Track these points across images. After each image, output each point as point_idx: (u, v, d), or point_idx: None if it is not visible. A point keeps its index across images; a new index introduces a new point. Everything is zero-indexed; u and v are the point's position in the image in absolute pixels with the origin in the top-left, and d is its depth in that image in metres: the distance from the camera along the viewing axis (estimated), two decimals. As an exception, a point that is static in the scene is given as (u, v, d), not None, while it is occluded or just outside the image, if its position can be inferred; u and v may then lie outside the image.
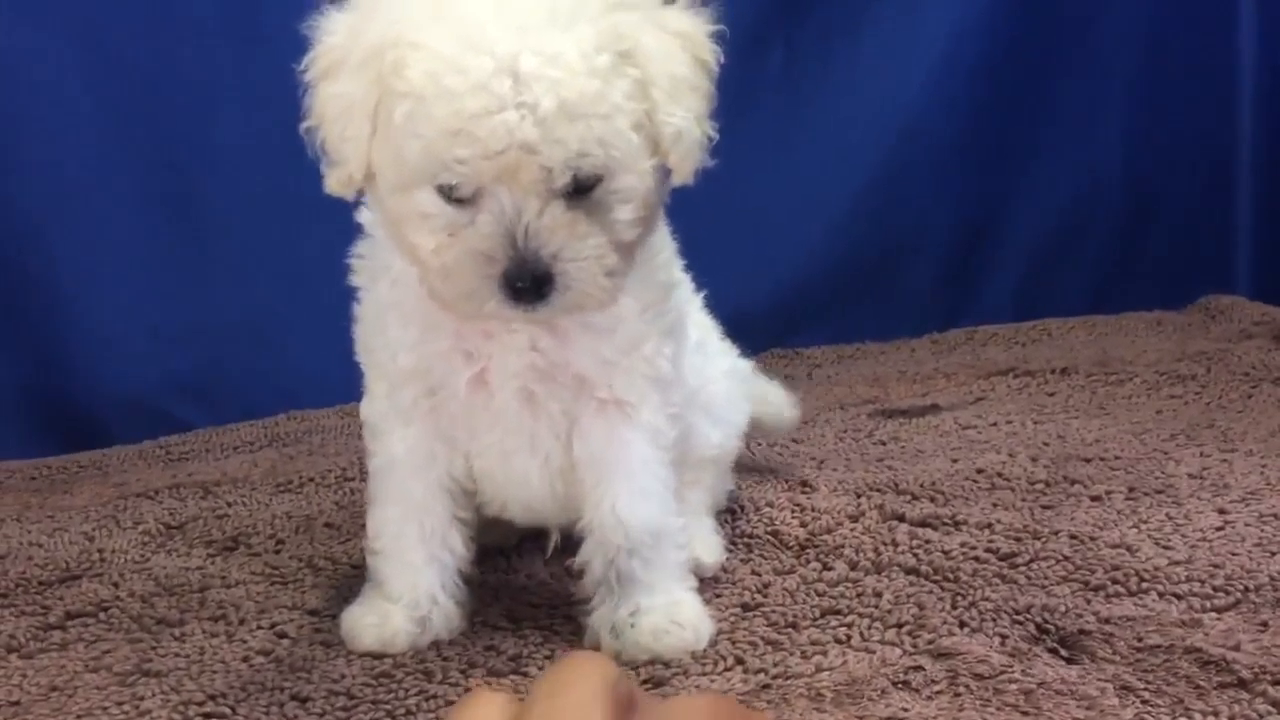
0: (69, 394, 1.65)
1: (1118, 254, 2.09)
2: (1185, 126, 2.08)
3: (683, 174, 0.78)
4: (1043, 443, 1.34)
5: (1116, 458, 1.26)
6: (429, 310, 0.81)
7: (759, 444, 1.34)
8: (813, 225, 1.92)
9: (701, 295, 1.04)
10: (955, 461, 1.28)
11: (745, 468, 1.25)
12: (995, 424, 1.43)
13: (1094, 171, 2.06)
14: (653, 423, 0.86)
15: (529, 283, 0.72)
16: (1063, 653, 0.85)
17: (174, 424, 1.68)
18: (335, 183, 0.79)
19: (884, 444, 1.39)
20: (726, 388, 1.04)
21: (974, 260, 2.04)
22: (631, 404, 0.86)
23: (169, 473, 1.46)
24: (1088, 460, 1.25)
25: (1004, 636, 0.87)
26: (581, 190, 0.73)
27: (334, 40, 0.77)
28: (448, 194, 0.73)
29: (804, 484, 1.24)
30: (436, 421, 0.89)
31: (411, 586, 0.92)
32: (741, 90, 1.66)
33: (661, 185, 0.78)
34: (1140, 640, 0.84)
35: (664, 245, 0.88)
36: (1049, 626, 0.88)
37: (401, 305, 0.84)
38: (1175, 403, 1.48)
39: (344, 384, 1.70)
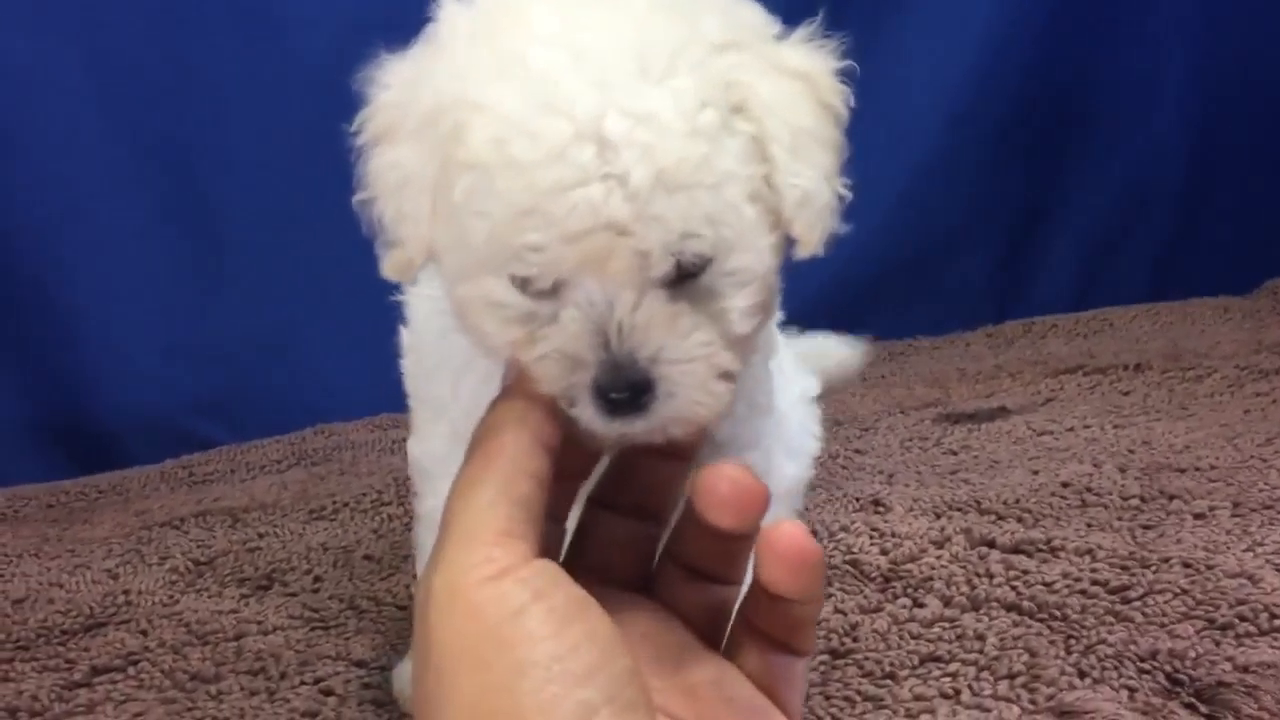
0: (85, 414, 1.59)
1: (1176, 237, 2.00)
2: (1244, 103, 1.99)
3: (810, 244, 0.61)
4: (1127, 450, 1.25)
5: (1212, 467, 1.17)
6: None
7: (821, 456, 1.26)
8: (860, 215, 1.81)
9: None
10: (1036, 474, 1.20)
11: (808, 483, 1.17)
12: (1072, 429, 1.34)
13: (1151, 153, 1.97)
14: (756, 459, 0.77)
15: (625, 392, 0.57)
16: (1202, 709, 0.76)
17: (195, 441, 1.61)
18: (392, 268, 0.65)
19: (955, 453, 1.31)
20: (802, 414, 0.95)
21: (1027, 248, 1.95)
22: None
23: (194, 497, 1.38)
24: (1181, 470, 1.16)
25: (1131, 690, 0.78)
26: (686, 275, 0.58)
27: (389, 97, 0.64)
28: (523, 284, 0.59)
29: (876, 503, 1.15)
30: None
31: None
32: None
33: (781, 261, 0.63)
34: (1289, 693, 0.75)
35: None
36: (1181, 676, 0.79)
37: (467, 349, 0.70)
38: (1262, 400, 1.39)
39: (371, 395, 1.64)
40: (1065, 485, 1.15)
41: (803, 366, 1.03)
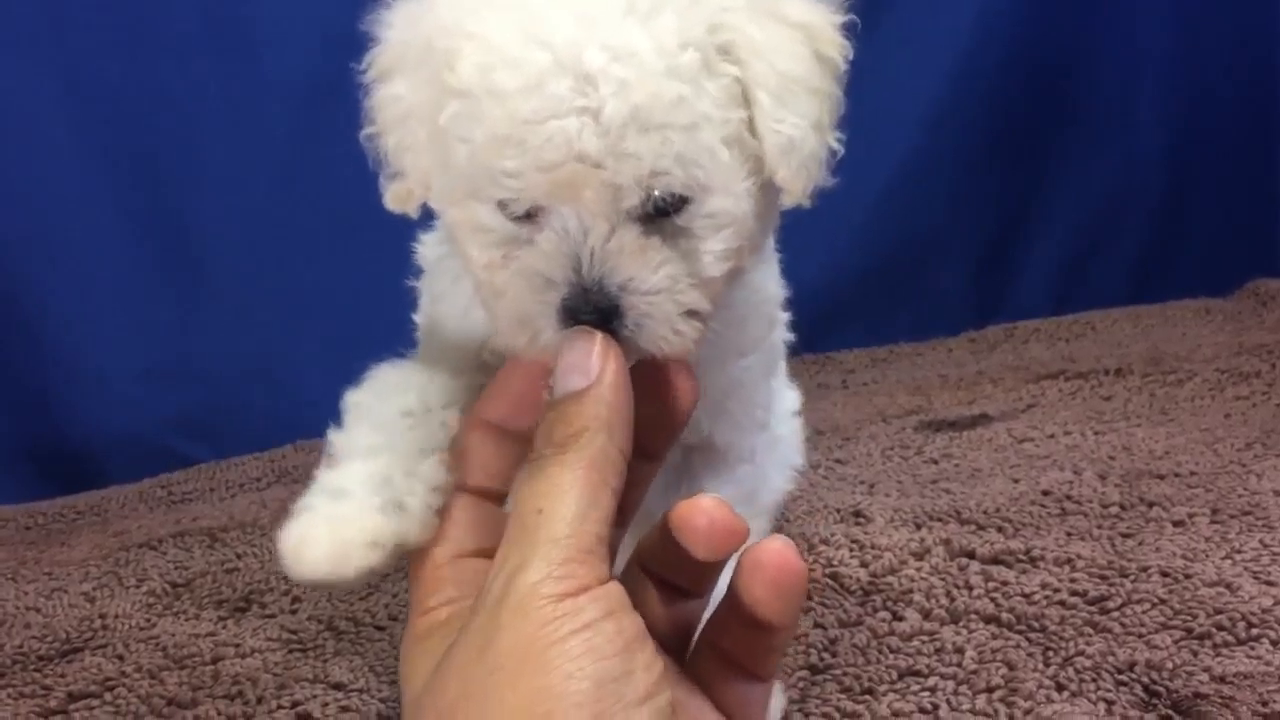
0: (64, 433, 1.58)
1: (1157, 239, 2.01)
2: (1223, 105, 1.99)
3: (795, 193, 0.62)
4: (1108, 456, 1.25)
5: (1192, 473, 1.17)
6: None
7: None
8: (839, 221, 1.83)
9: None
10: (1017, 482, 1.20)
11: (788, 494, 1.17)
12: (1053, 435, 1.34)
13: (1130, 155, 1.97)
14: (748, 472, 0.77)
15: (592, 315, 0.57)
16: (1179, 721, 0.76)
17: (175, 460, 1.60)
18: (393, 198, 0.67)
19: (936, 462, 1.31)
20: (790, 428, 0.95)
21: (1008, 251, 1.95)
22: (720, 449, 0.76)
23: (172, 517, 1.37)
24: (1161, 477, 1.16)
25: (1109, 702, 0.78)
26: (661, 213, 0.59)
27: (394, 35, 0.65)
28: (506, 209, 0.60)
29: (857, 514, 1.15)
30: None
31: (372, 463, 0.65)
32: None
33: (768, 209, 0.64)
34: (1265, 705, 0.75)
35: (770, 272, 0.76)
36: (1159, 688, 0.79)
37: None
38: (1243, 404, 1.39)
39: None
40: (1045, 494, 1.15)
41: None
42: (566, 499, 0.48)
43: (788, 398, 0.98)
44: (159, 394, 1.61)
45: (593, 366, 0.53)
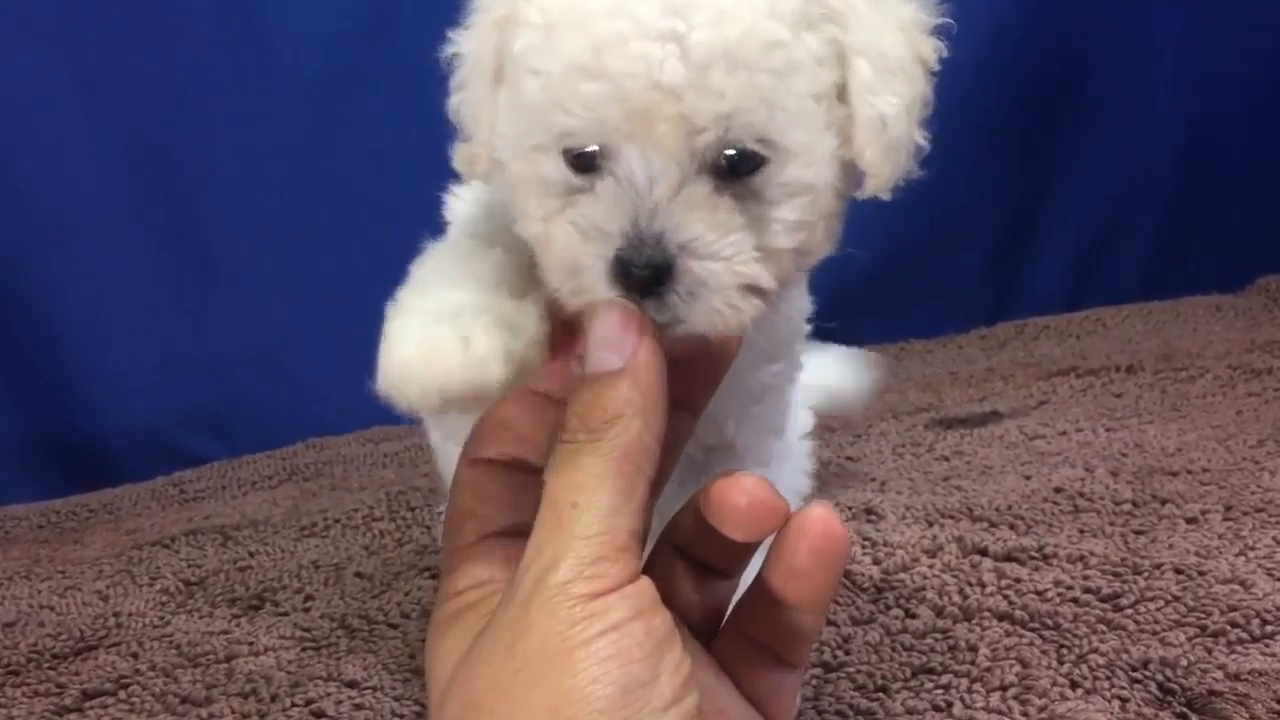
0: (75, 431, 1.58)
1: (1169, 235, 2.00)
2: (1236, 101, 1.98)
3: (880, 180, 0.57)
4: (1120, 453, 1.25)
5: (1204, 470, 1.16)
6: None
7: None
8: (849, 218, 1.82)
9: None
10: (1028, 479, 1.19)
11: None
12: (1064, 432, 1.34)
13: (1141, 151, 1.96)
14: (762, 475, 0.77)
15: (646, 270, 0.52)
16: (1193, 719, 0.76)
17: (187, 456, 1.61)
18: (460, 159, 0.63)
19: (947, 459, 1.30)
20: (800, 448, 0.95)
21: (1019, 248, 1.94)
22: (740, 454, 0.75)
23: (185, 515, 1.38)
24: (1173, 474, 1.16)
25: (1123, 699, 0.78)
26: (737, 173, 0.54)
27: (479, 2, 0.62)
28: (574, 160, 0.55)
29: (869, 511, 1.15)
30: None
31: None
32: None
33: (846, 192, 0.59)
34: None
35: (803, 285, 0.73)
36: (1173, 686, 0.79)
37: None
38: (1255, 401, 1.38)
39: (362, 407, 1.63)
40: (1058, 490, 1.14)
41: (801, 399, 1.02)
42: (600, 491, 0.46)
43: (799, 418, 0.97)
44: (172, 389, 1.61)
45: (627, 344, 0.50)
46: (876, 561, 1.02)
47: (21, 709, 0.93)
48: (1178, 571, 0.94)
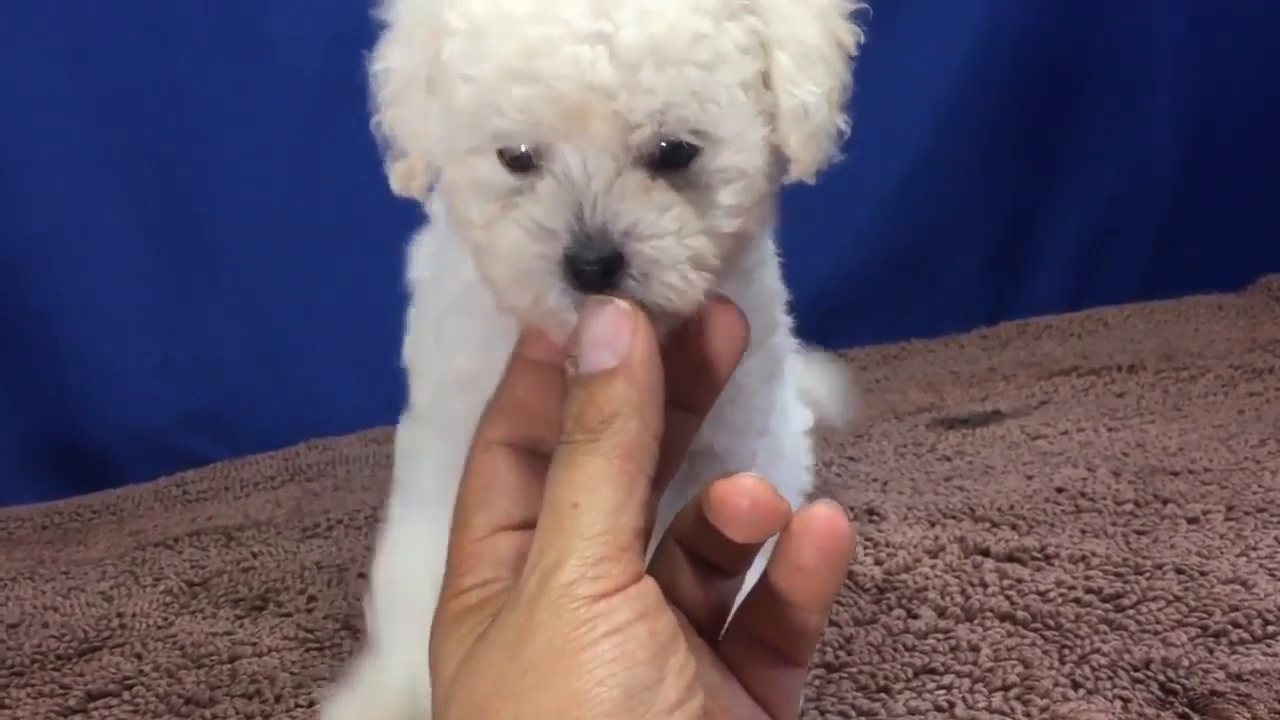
0: (77, 432, 1.58)
1: (1170, 234, 2.00)
2: (1235, 101, 1.98)
3: (804, 165, 0.59)
4: (1121, 453, 1.25)
5: (1206, 469, 1.17)
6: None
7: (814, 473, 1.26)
8: (849, 217, 1.82)
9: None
10: (1030, 479, 1.20)
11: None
12: (1066, 432, 1.34)
13: (1143, 150, 1.96)
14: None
15: (596, 265, 0.53)
16: (1195, 719, 0.76)
17: (188, 457, 1.61)
18: (396, 178, 0.63)
19: (949, 459, 1.30)
20: (797, 446, 0.95)
21: (1020, 248, 1.94)
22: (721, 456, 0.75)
23: (188, 516, 1.38)
24: (1175, 474, 1.16)
25: (1125, 700, 0.78)
26: (671, 164, 0.55)
27: (395, 12, 0.62)
28: (510, 161, 0.56)
29: (870, 511, 1.15)
30: None
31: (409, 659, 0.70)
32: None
33: (776, 178, 0.61)
34: (1282, 702, 0.75)
35: (771, 272, 0.74)
36: (1175, 686, 0.79)
37: (466, 304, 0.68)
38: (1256, 400, 1.39)
39: (363, 407, 1.64)
40: (1059, 490, 1.15)
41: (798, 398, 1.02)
42: (602, 492, 0.46)
43: (797, 416, 0.97)
44: (173, 390, 1.61)
45: (621, 342, 0.49)
46: (878, 562, 1.02)
47: (26, 710, 0.93)
48: (1179, 572, 0.94)
